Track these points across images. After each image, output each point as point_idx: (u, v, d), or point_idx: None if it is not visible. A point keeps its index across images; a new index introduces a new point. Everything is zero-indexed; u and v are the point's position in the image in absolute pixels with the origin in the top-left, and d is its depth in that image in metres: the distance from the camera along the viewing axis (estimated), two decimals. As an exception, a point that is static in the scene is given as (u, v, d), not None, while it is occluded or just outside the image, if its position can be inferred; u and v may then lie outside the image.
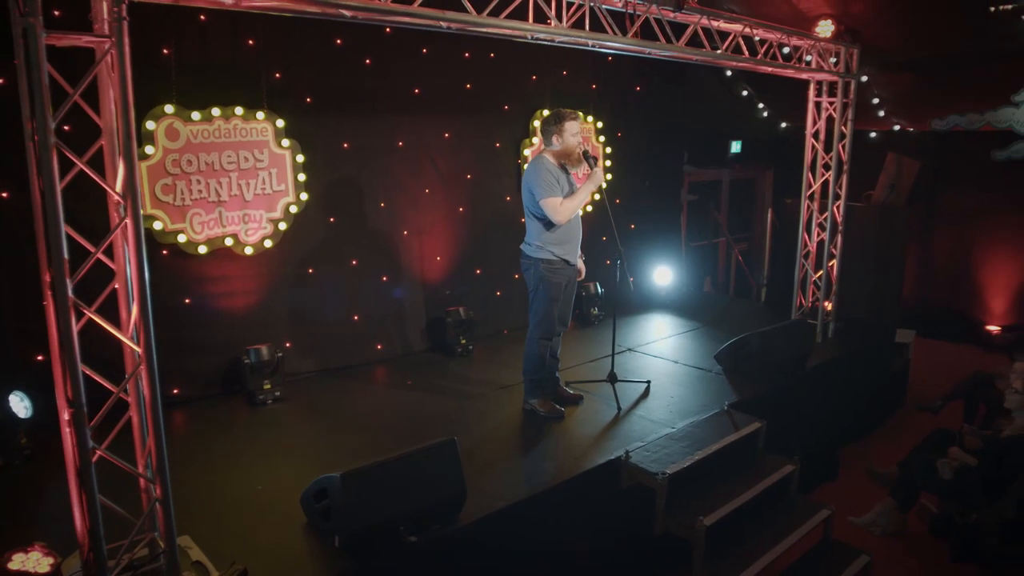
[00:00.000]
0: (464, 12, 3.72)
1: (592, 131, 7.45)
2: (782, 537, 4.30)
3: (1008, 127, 7.62)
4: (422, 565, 3.45)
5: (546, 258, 4.74)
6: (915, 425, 6.73)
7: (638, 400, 5.28)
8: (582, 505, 4.12)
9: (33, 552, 2.86)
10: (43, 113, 2.46)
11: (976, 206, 8.95)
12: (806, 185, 6.70)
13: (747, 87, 9.87)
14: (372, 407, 5.19)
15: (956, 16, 6.11)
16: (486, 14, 3.76)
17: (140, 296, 2.78)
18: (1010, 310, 9.22)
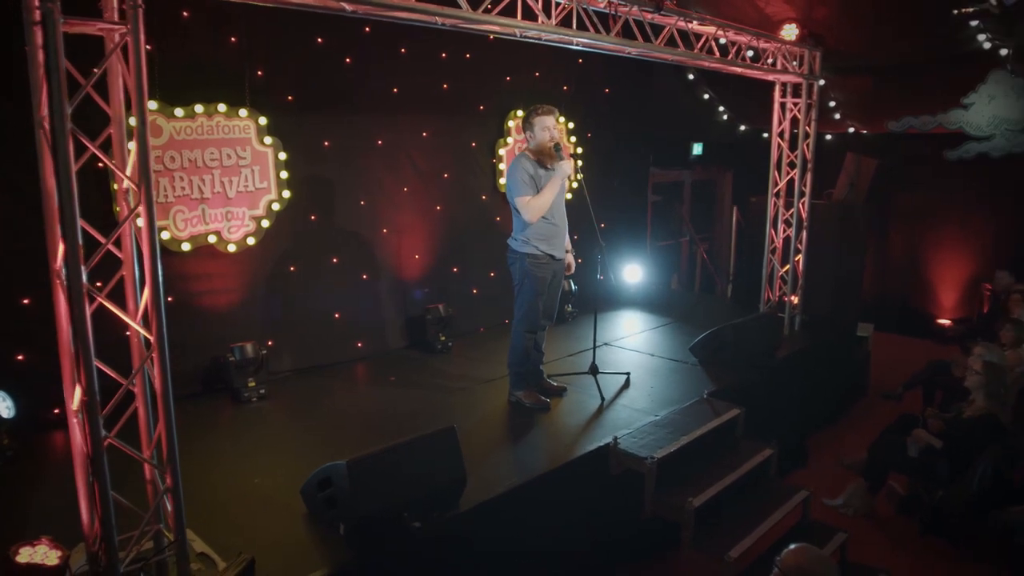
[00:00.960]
0: (459, 8, 3.80)
1: (564, 131, 7.58)
2: (765, 517, 4.45)
3: (959, 128, 8.00)
4: (426, 551, 3.50)
5: (531, 253, 4.83)
6: (878, 413, 7.02)
7: (620, 391, 5.41)
8: (574, 490, 4.22)
9: (40, 545, 2.84)
10: (60, 99, 2.47)
11: (929, 205, 9.35)
12: (772, 183, 6.93)
13: (708, 90, 10.13)
14: (358, 403, 5.21)
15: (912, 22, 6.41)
16: (481, 11, 3.84)
17: (153, 282, 2.80)
18: (959, 304, 9.64)
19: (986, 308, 8.85)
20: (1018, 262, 8.35)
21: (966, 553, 4.82)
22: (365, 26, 5.70)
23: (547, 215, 4.78)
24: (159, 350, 2.85)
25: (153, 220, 2.77)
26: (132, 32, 2.63)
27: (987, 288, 9.00)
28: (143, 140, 2.73)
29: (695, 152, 10.65)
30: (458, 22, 3.85)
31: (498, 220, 7.18)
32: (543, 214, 4.73)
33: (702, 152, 10.72)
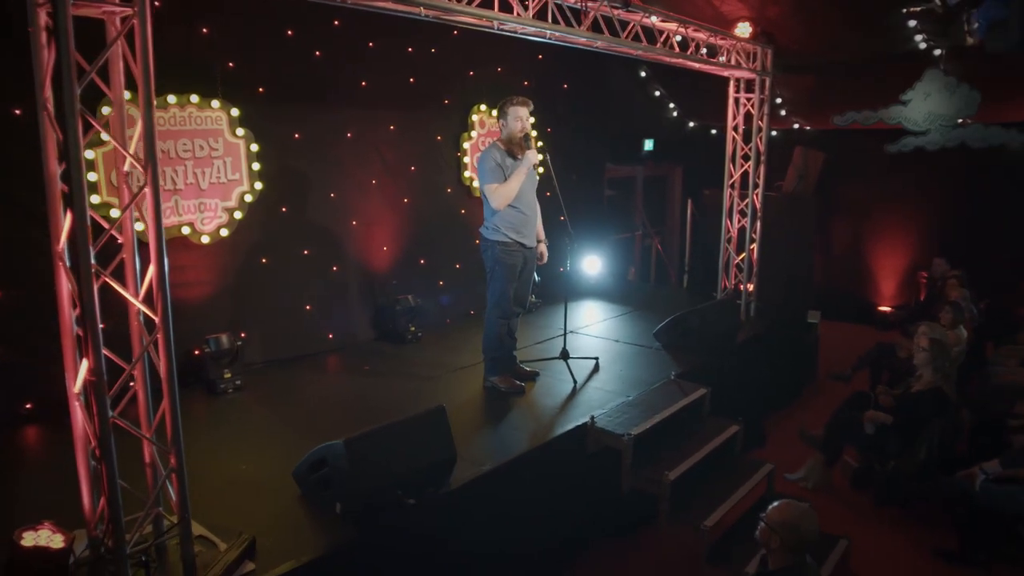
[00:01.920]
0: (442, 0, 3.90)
1: (526, 125, 7.72)
2: (734, 489, 4.69)
3: (898, 124, 8.44)
4: (419, 527, 3.59)
5: (501, 240, 4.95)
6: (828, 394, 7.35)
7: (590, 375, 5.58)
8: (555, 468, 4.36)
9: (43, 530, 2.85)
10: (70, 81, 2.51)
11: (870, 197, 9.81)
12: (727, 175, 7.21)
13: (660, 88, 10.42)
14: (335, 392, 5.27)
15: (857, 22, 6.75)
16: (466, 2, 3.95)
17: (158, 261, 2.84)
18: (899, 292, 10.14)
19: (923, 295, 9.34)
20: (953, 249, 8.84)
21: (918, 519, 5.13)
22: (334, 19, 5.75)
23: (516, 204, 4.91)
24: (164, 331, 2.89)
25: (159, 200, 2.83)
26: (139, 15, 2.66)
27: (923, 276, 9.50)
28: (149, 122, 2.77)
29: (647, 148, 10.89)
30: (440, 13, 3.95)
31: (463, 213, 7.29)
32: (510, 202, 4.85)
33: (653, 148, 10.98)
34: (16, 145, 4.12)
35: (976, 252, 8.77)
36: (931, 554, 4.76)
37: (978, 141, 8.38)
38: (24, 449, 4.31)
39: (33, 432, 4.47)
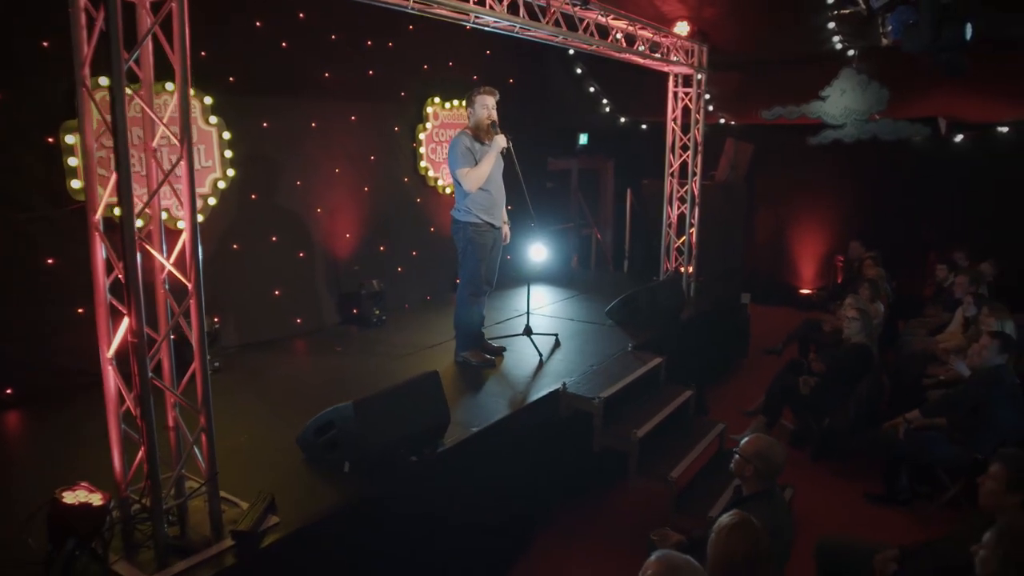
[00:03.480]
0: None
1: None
2: (693, 446, 5.13)
3: (818, 118, 9.15)
4: (418, 484, 3.87)
5: (473, 222, 5.26)
6: (761, 367, 7.94)
7: (553, 349, 5.94)
8: (533, 430, 4.71)
9: (79, 490, 2.99)
10: (118, 58, 2.70)
11: (793, 186, 10.54)
12: (668, 164, 7.70)
13: (594, 84, 10.89)
14: (313, 372, 5.46)
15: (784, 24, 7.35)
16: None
17: (192, 229, 3.02)
18: (818, 275, 10.91)
19: (840, 277, 10.09)
20: (866, 234, 9.63)
21: (851, 469, 5.70)
22: (299, 12, 5.93)
23: (486, 186, 5.23)
24: (196, 296, 3.08)
25: (192, 171, 3.03)
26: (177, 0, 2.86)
27: (840, 260, 10.27)
28: (185, 102, 2.97)
29: (581, 142, 11.34)
30: (425, 6, 4.22)
31: (419, 201, 7.55)
32: (481, 184, 5.17)
33: (587, 142, 11.45)
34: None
35: (887, 236, 9.58)
36: (863, 498, 5.33)
37: (888, 134, 9.18)
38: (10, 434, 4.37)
39: (13, 418, 4.51)
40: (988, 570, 2.60)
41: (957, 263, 8.57)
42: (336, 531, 3.42)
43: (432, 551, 3.90)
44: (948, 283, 8.21)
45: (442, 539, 3.97)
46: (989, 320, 5.62)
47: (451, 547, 4.02)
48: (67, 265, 4.80)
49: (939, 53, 5.74)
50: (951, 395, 5.21)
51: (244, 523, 3.14)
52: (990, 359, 4.94)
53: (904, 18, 5.55)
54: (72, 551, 2.86)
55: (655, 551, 2.41)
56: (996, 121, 9.22)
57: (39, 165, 4.66)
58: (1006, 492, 3.09)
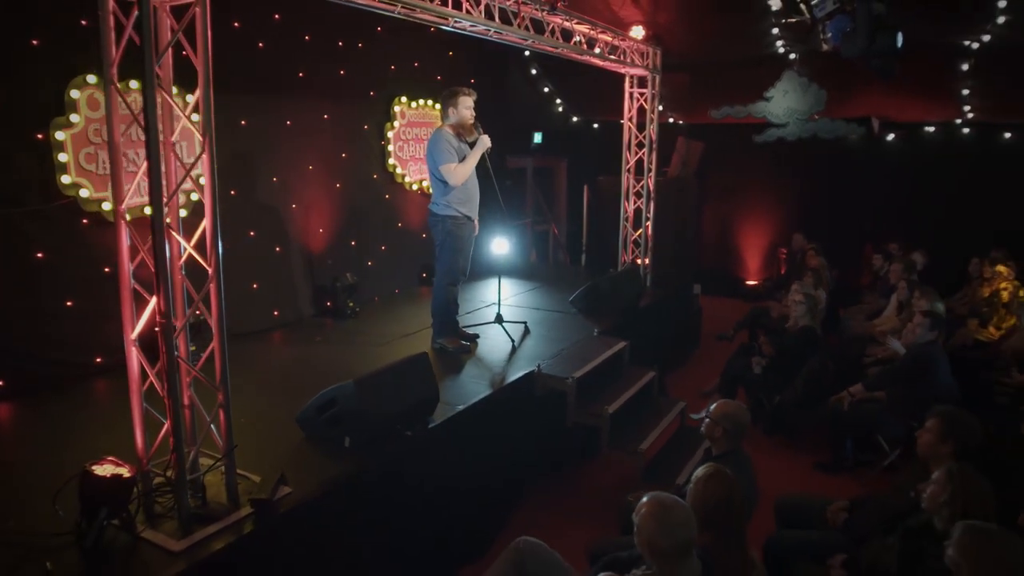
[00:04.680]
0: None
1: (438, 117, 8.30)
2: (658, 422, 5.54)
3: (763, 117, 9.71)
4: (412, 455, 4.15)
5: (452, 215, 5.55)
6: (713, 353, 8.41)
7: (523, 336, 6.27)
8: (511, 409, 5.03)
9: (106, 464, 3.18)
10: (150, 59, 2.93)
11: (739, 183, 11.11)
12: (624, 161, 8.11)
13: (549, 84, 11.26)
14: (296, 361, 5.67)
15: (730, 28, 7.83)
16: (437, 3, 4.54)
17: (213, 215, 3.26)
18: (762, 267, 11.50)
19: (784, 269, 10.68)
20: (807, 227, 10.23)
21: (801, 441, 6.18)
22: (275, 13, 6.13)
23: (465, 181, 5.53)
24: (216, 280, 3.31)
25: (214, 160, 3.26)
26: (201, 3, 3.10)
27: (783, 252, 10.86)
28: (207, 99, 3.20)
29: (536, 141, 11.71)
30: (410, 11, 4.51)
31: (387, 198, 7.80)
32: (465, 179, 5.47)
33: (541, 141, 11.82)
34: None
35: (827, 229, 10.20)
36: (813, 467, 5.80)
37: (827, 133, 9.80)
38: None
39: (7, 408, 4.63)
40: (936, 503, 3.03)
41: (891, 253, 9.20)
42: (342, 500, 3.68)
43: (424, 519, 4.18)
44: (883, 271, 8.83)
45: (432, 508, 4.25)
46: (921, 302, 6.15)
47: (441, 515, 4.30)
48: (57, 259, 4.93)
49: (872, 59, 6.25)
50: (889, 369, 5.72)
51: (261, 492, 3.39)
52: (922, 336, 5.46)
53: (842, 26, 6.03)
54: (103, 520, 3.07)
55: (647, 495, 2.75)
56: (923, 121, 9.94)
57: (30, 161, 4.78)
58: (940, 442, 3.55)
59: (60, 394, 4.78)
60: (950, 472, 3.05)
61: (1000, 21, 6.88)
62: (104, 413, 4.59)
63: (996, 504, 2.99)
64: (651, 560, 2.66)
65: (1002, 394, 5.78)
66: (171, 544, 3.05)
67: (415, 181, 8.07)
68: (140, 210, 5.30)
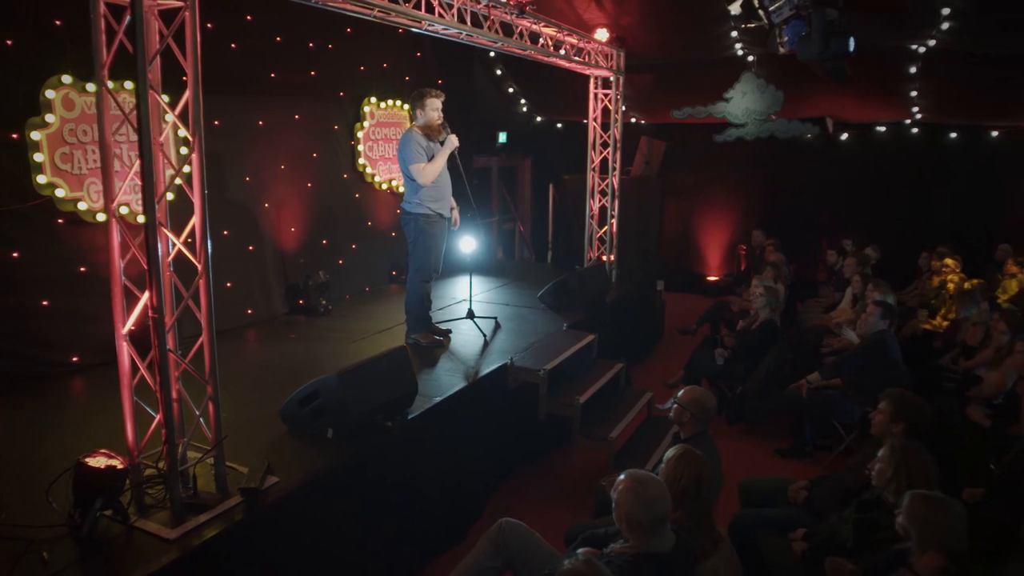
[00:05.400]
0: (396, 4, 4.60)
1: (406, 118, 8.43)
2: (626, 412, 5.73)
3: (723, 117, 10.01)
4: (393, 446, 4.28)
5: (424, 213, 5.68)
6: (676, 346, 8.69)
7: (495, 330, 6.43)
8: (486, 401, 5.18)
9: (99, 456, 3.26)
10: (143, 61, 3.03)
11: (700, 181, 11.42)
12: (590, 160, 8.32)
13: (513, 84, 11.43)
14: (272, 358, 5.75)
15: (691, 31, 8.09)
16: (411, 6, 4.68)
17: (202, 213, 3.36)
18: (722, 263, 11.83)
19: (743, 264, 11.01)
20: (766, 224, 10.57)
21: (762, 429, 6.45)
22: (247, 15, 6.20)
23: (436, 180, 5.66)
24: (205, 276, 3.41)
25: (203, 160, 3.35)
26: (191, 7, 3.20)
27: (742, 248, 11.19)
28: (196, 100, 3.30)
29: (501, 140, 11.88)
30: (386, 15, 4.64)
31: (357, 197, 7.90)
32: (434, 179, 5.61)
33: (506, 140, 11.99)
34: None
35: (784, 225, 10.55)
36: (773, 453, 6.07)
37: (784, 132, 10.15)
38: None
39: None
40: (883, 478, 3.27)
41: (845, 248, 9.57)
42: (327, 490, 3.80)
43: (403, 508, 4.32)
44: (838, 266, 9.18)
45: (411, 497, 4.39)
46: (874, 294, 6.46)
47: (419, 504, 4.44)
48: (32, 258, 4.95)
49: (826, 62, 6.55)
50: (844, 357, 6.00)
51: (250, 482, 3.50)
52: (875, 325, 5.75)
53: (798, 31, 6.30)
54: (98, 511, 3.15)
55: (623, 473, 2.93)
56: (874, 121, 10.34)
57: (5, 160, 4.79)
58: (891, 423, 3.80)
59: (37, 393, 4.81)
60: (893, 448, 3.30)
61: (944, 27, 7.23)
62: (83, 411, 4.65)
63: (939, 477, 3.24)
64: (628, 533, 2.85)
65: (949, 380, 6.10)
66: (165, 532, 3.15)
67: (384, 180, 8.18)
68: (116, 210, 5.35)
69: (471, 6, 5.45)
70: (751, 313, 7.11)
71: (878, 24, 7.20)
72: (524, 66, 9.24)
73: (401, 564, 4.28)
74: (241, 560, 3.33)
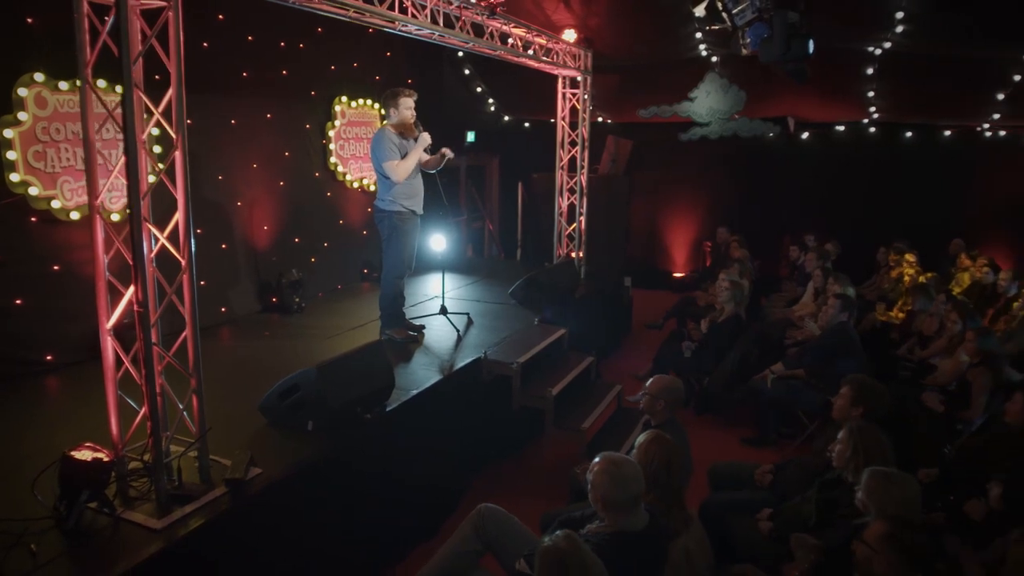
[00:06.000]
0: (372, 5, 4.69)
1: (377, 117, 8.50)
2: (597, 403, 5.89)
3: (688, 116, 10.23)
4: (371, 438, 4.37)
5: (397, 210, 5.77)
6: (644, 340, 8.88)
7: (467, 326, 6.54)
8: (460, 395, 5.29)
9: (84, 450, 3.31)
10: (129, 57, 3.09)
11: (666, 179, 11.65)
12: (558, 159, 8.46)
13: (481, 84, 11.54)
14: (248, 355, 5.78)
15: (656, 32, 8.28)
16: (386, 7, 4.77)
17: (185, 209, 3.42)
18: (688, 260, 12.07)
19: (708, 261, 11.25)
20: (730, 221, 10.82)
21: (729, 420, 6.65)
22: (219, 14, 6.23)
23: (409, 177, 5.76)
24: (189, 271, 3.47)
25: (186, 157, 3.42)
26: (174, 8, 3.26)
27: (707, 245, 11.43)
28: (180, 99, 3.37)
29: (469, 139, 11.98)
30: (360, 15, 4.72)
31: (329, 195, 7.95)
32: (408, 175, 5.70)
33: (474, 140, 12.10)
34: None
35: (748, 222, 10.82)
36: (739, 442, 6.26)
37: (746, 131, 10.41)
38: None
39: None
40: (843, 458, 3.46)
41: (807, 244, 9.85)
42: (307, 481, 3.88)
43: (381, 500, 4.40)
44: (800, 261, 9.45)
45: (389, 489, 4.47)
46: (834, 287, 6.70)
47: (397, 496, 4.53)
48: (6, 257, 4.94)
49: (787, 63, 6.76)
50: (806, 348, 6.22)
51: (235, 472, 3.57)
52: (835, 316, 5.98)
53: (760, 33, 6.50)
54: (84, 502, 3.20)
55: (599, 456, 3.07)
56: (834, 121, 10.65)
57: (-24, 159, 4.79)
58: (851, 406, 4.00)
59: (12, 391, 4.81)
60: (852, 430, 3.50)
61: (899, 30, 7.50)
62: (60, 408, 4.68)
63: (895, 457, 3.44)
64: (604, 513, 2.98)
65: (905, 369, 6.36)
66: (152, 523, 3.21)
67: (356, 179, 8.24)
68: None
69: (443, 7, 5.56)
70: (716, 308, 7.31)
71: (837, 27, 7.45)
72: (492, 66, 9.37)
73: (382, 553, 4.38)
74: (227, 549, 3.40)
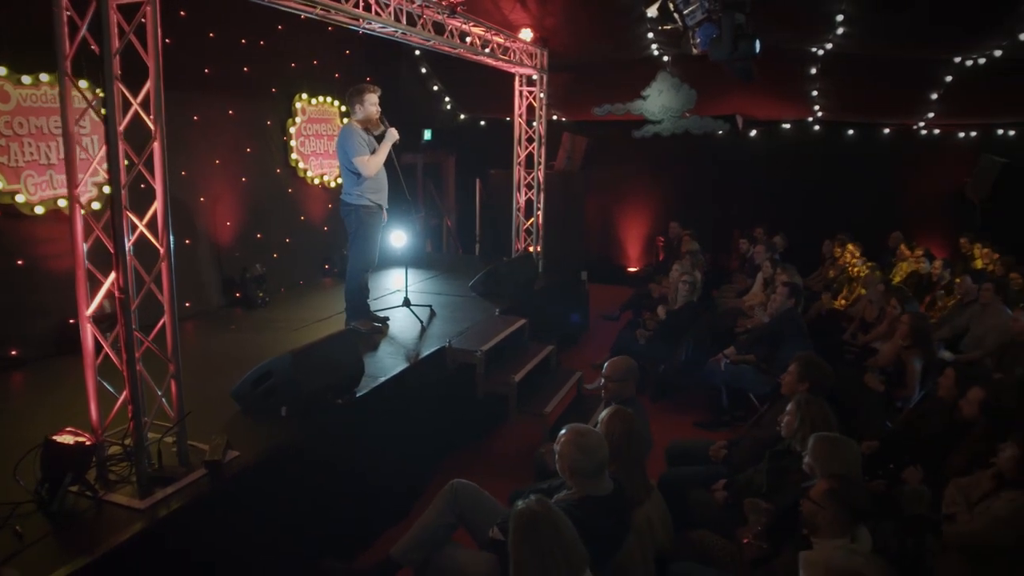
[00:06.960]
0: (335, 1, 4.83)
1: (336, 114, 8.59)
2: (558, 389, 6.10)
3: (641, 114, 10.53)
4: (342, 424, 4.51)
5: (364, 204, 5.89)
6: (601, 332, 9.13)
7: (430, 318, 6.69)
8: (426, 383, 5.44)
9: (65, 435, 3.39)
10: (110, 52, 3.19)
11: (620, 175, 11.94)
12: (516, 155, 8.66)
13: (438, 82, 11.68)
14: (215, 347, 5.83)
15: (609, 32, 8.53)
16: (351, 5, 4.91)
17: (163, 198, 3.52)
18: (642, 255, 12.39)
19: (661, 255, 11.58)
20: (682, 216, 11.16)
21: (683, 405, 6.92)
22: (180, 10, 6.27)
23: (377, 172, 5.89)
24: (167, 259, 3.58)
25: (164, 148, 3.52)
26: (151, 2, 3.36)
27: (660, 240, 11.76)
28: (158, 92, 3.47)
29: (426, 137, 12.09)
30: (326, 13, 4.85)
31: (290, 192, 8.02)
32: (378, 170, 5.83)
33: (432, 137, 12.22)
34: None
35: (699, 217, 11.18)
36: (694, 426, 6.53)
37: (697, 129, 10.77)
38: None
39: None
40: (791, 428, 3.72)
41: (756, 237, 10.23)
42: (282, 464, 4.00)
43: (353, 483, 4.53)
44: (749, 254, 9.82)
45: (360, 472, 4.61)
46: (782, 276, 7.03)
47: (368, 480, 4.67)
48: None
49: (735, 62, 7.07)
50: (757, 333, 6.53)
51: (213, 455, 3.68)
52: (783, 304, 6.30)
53: (709, 33, 6.78)
54: (67, 485, 3.28)
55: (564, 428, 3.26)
56: (780, 119, 11.08)
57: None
58: (799, 381, 4.28)
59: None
60: (799, 402, 3.78)
61: (839, 32, 7.89)
62: (28, 401, 4.70)
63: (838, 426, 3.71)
64: (571, 481, 3.18)
65: (849, 353, 6.72)
66: (135, 503, 3.31)
67: (317, 176, 8.32)
68: (54, 203, 5.39)
69: (406, 6, 5.71)
70: (669, 299, 7.59)
71: (781, 28, 7.79)
72: (449, 64, 9.51)
73: (357, 532, 4.51)
74: (208, 528, 3.51)
